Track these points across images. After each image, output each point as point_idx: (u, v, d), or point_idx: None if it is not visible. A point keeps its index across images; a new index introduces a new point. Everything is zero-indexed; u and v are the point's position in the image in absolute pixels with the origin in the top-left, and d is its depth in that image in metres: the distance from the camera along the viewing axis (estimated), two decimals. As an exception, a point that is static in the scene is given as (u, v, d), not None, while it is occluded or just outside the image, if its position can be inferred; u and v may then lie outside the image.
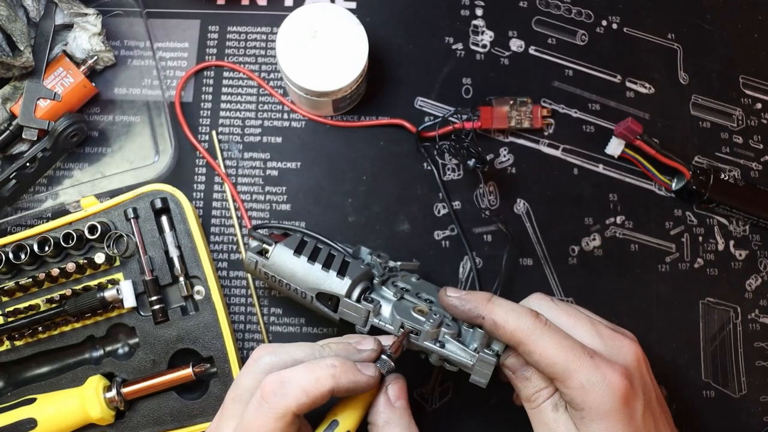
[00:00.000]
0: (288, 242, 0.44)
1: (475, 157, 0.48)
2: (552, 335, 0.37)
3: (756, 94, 0.55)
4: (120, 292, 0.46)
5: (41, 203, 0.51)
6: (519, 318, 0.38)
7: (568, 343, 0.37)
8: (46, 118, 0.49)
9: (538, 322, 0.38)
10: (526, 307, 0.39)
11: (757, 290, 0.52)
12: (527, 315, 0.38)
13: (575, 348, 0.37)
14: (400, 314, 0.41)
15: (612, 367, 0.36)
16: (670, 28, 0.56)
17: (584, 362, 0.36)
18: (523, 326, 0.37)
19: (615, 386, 0.36)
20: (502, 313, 0.38)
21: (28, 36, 0.48)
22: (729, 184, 0.52)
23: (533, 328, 0.37)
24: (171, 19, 0.55)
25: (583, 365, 0.36)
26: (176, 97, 0.53)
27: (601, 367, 0.36)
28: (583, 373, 0.36)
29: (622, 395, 0.36)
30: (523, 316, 0.38)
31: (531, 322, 0.37)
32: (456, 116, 0.50)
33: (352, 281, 0.42)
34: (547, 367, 0.37)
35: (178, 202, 0.48)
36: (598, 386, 0.36)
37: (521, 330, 0.37)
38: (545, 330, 0.37)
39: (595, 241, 0.52)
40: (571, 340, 0.37)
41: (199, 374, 0.45)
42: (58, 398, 0.45)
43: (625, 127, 0.51)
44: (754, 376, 0.51)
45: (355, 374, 0.36)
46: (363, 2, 0.55)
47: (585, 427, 0.36)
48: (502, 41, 0.55)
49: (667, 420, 0.39)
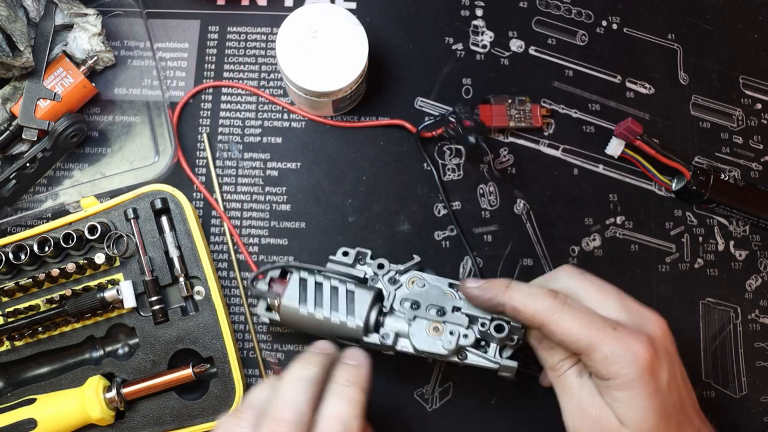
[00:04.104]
0: (289, 292, 0.44)
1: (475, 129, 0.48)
2: (572, 313, 0.38)
3: (756, 94, 0.55)
4: (120, 292, 0.46)
5: (41, 203, 0.51)
6: (537, 301, 0.39)
7: (589, 320, 0.37)
8: (46, 118, 0.49)
9: (556, 301, 0.38)
10: (543, 289, 0.39)
11: (757, 290, 0.52)
12: (545, 297, 0.38)
13: (597, 322, 0.37)
14: (419, 344, 0.42)
15: (636, 337, 0.36)
16: (670, 28, 0.56)
17: (607, 335, 0.36)
18: (541, 308, 0.38)
19: (639, 356, 0.36)
20: (521, 298, 0.39)
21: (28, 36, 0.48)
22: (729, 184, 0.52)
23: (553, 309, 0.38)
24: (171, 19, 0.55)
25: (607, 338, 0.36)
26: (174, 118, 0.53)
27: (624, 338, 0.36)
28: (607, 345, 0.36)
29: (647, 364, 0.36)
30: (540, 298, 0.39)
31: (549, 304, 0.38)
32: (454, 115, 0.50)
33: (364, 320, 0.43)
34: (571, 344, 0.37)
35: (178, 202, 0.48)
36: (623, 357, 0.36)
37: (541, 313, 0.38)
38: (565, 309, 0.38)
39: (595, 242, 0.52)
40: (592, 315, 0.38)
41: (199, 374, 0.45)
42: (58, 398, 0.45)
43: (625, 127, 0.51)
44: (754, 376, 0.50)
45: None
46: (363, 2, 0.55)
47: (610, 396, 0.37)
48: (502, 41, 0.55)
49: (691, 398, 0.39)
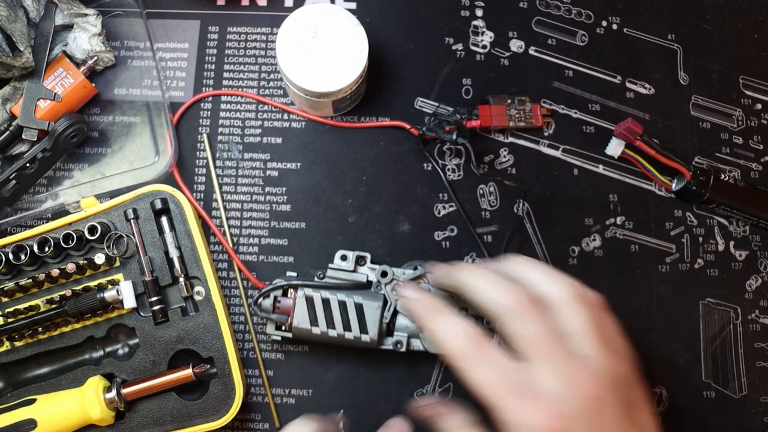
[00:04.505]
0: (298, 312, 0.45)
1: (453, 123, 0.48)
2: (482, 366, 0.35)
3: (756, 94, 0.55)
4: (120, 292, 0.46)
5: (41, 204, 0.51)
6: (452, 339, 0.36)
7: (495, 379, 0.34)
8: (46, 118, 0.49)
9: (469, 345, 0.35)
10: (464, 324, 0.36)
11: (757, 291, 0.52)
12: (460, 337, 0.36)
13: (501, 385, 0.34)
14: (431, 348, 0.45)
15: (539, 406, 0.33)
16: (670, 28, 0.56)
17: (508, 402, 0.33)
18: (456, 350, 0.36)
19: (535, 425, 0.32)
20: (440, 330, 0.37)
21: (28, 36, 0.48)
22: (729, 184, 0.52)
23: (466, 355, 0.35)
24: (171, 19, 0.55)
25: (507, 405, 0.33)
26: (174, 121, 0.53)
27: (524, 405, 0.33)
28: (506, 411, 0.33)
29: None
30: (457, 337, 0.36)
31: (462, 347, 0.36)
32: (454, 117, 0.50)
33: (377, 332, 0.45)
34: (479, 395, 0.35)
35: (178, 202, 0.48)
36: (521, 425, 0.33)
37: (454, 355, 0.36)
38: (477, 359, 0.35)
39: (596, 242, 0.52)
40: (500, 374, 0.34)
41: (199, 375, 0.45)
42: (58, 399, 0.45)
43: (625, 127, 0.51)
44: (754, 376, 0.51)
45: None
46: (363, 2, 0.55)
47: None
48: (502, 42, 0.55)
49: None
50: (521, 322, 0.35)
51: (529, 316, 0.35)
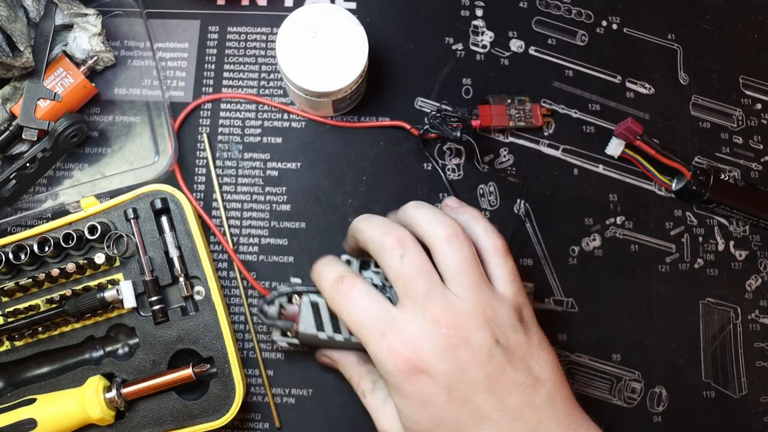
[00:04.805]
0: (304, 318, 0.44)
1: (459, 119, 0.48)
2: (349, 306, 0.37)
3: (756, 94, 0.55)
4: (120, 292, 0.46)
5: (41, 203, 0.51)
6: (326, 282, 0.39)
7: (364, 316, 0.37)
8: (46, 118, 0.49)
9: (336, 289, 0.38)
10: (338, 267, 0.39)
11: (757, 290, 0.52)
12: (331, 278, 0.39)
13: (369, 321, 0.36)
14: None
15: (395, 342, 0.35)
16: (670, 28, 0.56)
17: (373, 338, 0.36)
18: (328, 289, 0.39)
19: (393, 359, 0.35)
20: (317, 270, 0.41)
21: (28, 36, 0.48)
22: (729, 184, 0.52)
23: (333, 296, 0.38)
24: (171, 19, 0.55)
25: (372, 340, 0.36)
26: (176, 127, 0.53)
27: (385, 341, 0.35)
28: (369, 348, 0.36)
29: (401, 371, 0.34)
30: (328, 279, 0.39)
31: (330, 290, 0.38)
32: (458, 113, 0.50)
33: None
34: (355, 335, 0.38)
35: (178, 202, 0.48)
36: (382, 359, 0.35)
37: (327, 294, 0.39)
38: (343, 300, 0.38)
39: (595, 242, 0.52)
40: (368, 312, 0.37)
41: (199, 374, 0.45)
42: (58, 399, 0.45)
43: (625, 127, 0.51)
44: (754, 376, 0.51)
45: None
46: (363, 2, 0.55)
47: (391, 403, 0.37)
48: (502, 41, 0.55)
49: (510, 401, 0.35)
50: (390, 258, 0.37)
51: (398, 253, 0.37)
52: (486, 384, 0.34)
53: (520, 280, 0.39)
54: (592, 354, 0.50)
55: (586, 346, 0.50)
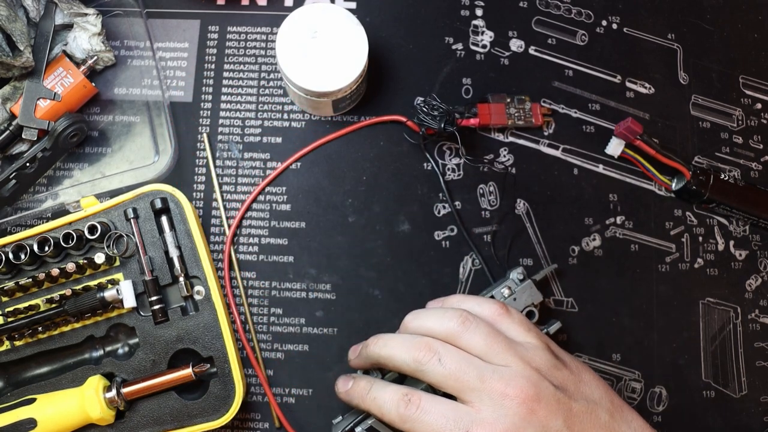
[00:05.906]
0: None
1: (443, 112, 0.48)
2: (425, 417, 0.37)
3: (756, 94, 0.55)
4: (120, 292, 0.46)
5: (41, 203, 0.51)
6: (388, 409, 0.39)
7: (438, 425, 0.37)
8: (46, 118, 0.49)
9: (405, 407, 0.38)
10: (391, 391, 0.39)
11: (757, 290, 0.52)
12: (392, 404, 0.39)
13: (445, 428, 0.37)
14: None
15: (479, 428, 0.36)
16: (670, 28, 0.56)
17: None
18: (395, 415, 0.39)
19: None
20: (373, 406, 0.40)
21: (28, 36, 0.48)
22: (729, 184, 0.52)
23: (404, 414, 0.38)
24: (171, 19, 0.55)
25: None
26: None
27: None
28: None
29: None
30: (389, 404, 0.39)
31: (397, 410, 0.38)
32: (443, 104, 0.50)
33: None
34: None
35: (178, 202, 0.48)
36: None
37: (397, 420, 0.39)
38: (417, 414, 0.38)
39: (595, 242, 0.52)
40: (440, 420, 0.37)
41: (199, 374, 0.45)
42: (58, 398, 0.45)
43: (625, 127, 0.51)
44: (754, 376, 0.51)
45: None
46: (363, 2, 0.55)
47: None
48: (502, 41, 0.55)
49: None
50: (431, 368, 0.38)
51: (434, 360, 0.38)
52: (566, 426, 0.36)
53: (532, 324, 0.41)
54: (592, 354, 0.50)
55: (586, 346, 0.50)
